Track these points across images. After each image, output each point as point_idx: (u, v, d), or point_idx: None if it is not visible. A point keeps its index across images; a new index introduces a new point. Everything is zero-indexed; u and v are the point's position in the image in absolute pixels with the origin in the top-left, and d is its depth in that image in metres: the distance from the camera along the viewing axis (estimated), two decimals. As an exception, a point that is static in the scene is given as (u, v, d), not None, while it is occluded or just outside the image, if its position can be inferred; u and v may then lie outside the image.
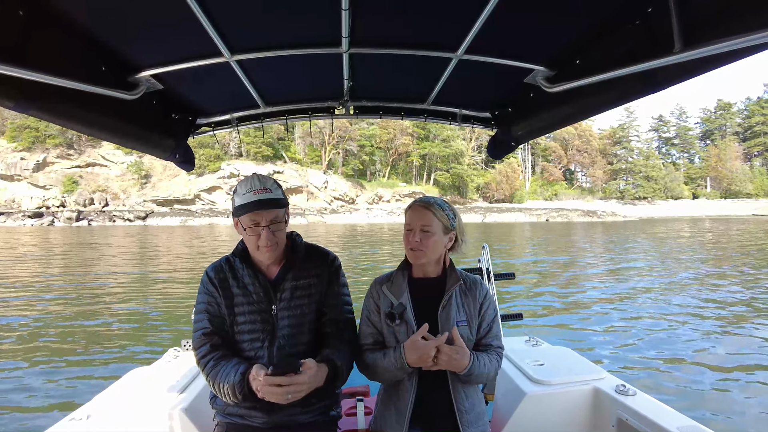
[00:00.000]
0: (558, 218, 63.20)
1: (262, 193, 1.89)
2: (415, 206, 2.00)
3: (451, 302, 1.96)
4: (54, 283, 14.02)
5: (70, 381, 6.13)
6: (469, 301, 2.00)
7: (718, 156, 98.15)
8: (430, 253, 1.96)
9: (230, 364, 1.85)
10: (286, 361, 1.86)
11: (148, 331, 8.67)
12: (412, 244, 1.95)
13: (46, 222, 53.47)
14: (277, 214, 1.92)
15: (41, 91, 1.72)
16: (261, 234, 1.89)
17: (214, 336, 1.94)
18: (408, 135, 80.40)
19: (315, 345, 2.02)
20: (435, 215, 1.95)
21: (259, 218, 1.88)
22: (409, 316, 1.94)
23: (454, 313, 1.94)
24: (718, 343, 7.78)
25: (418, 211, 1.97)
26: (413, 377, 1.92)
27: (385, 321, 1.98)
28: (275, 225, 1.92)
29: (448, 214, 1.99)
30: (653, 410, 2.24)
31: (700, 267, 17.25)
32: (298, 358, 1.85)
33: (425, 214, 1.95)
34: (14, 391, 5.79)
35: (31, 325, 9.05)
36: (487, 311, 2.02)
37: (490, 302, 2.06)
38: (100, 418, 2.28)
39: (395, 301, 1.98)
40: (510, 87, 2.69)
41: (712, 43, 1.37)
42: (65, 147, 66.70)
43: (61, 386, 5.93)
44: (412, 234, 1.95)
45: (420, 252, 1.94)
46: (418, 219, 1.95)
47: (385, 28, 2.07)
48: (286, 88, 2.87)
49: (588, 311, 10.22)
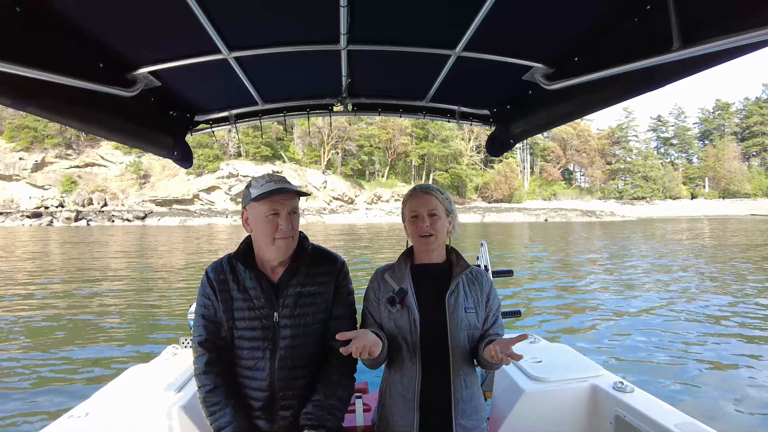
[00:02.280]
0: (557, 218, 63.27)
1: (283, 183, 1.90)
2: (417, 193, 2.00)
3: (459, 288, 1.96)
4: (52, 281, 14.02)
5: (68, 378, 6.13)
6: (476, 290, 1.99)
7: (717, 156, 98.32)
8: (441, 237, 1.98)
9: (226, 412, 1.84)
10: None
11: (146, 328, 8.65)
12: (423, 230, 1.94)
13: (45, 222, 53.44)
14: (296, 203, 1.93)
15: (39, 89, 1.72)
16: (280, 223, 1.86)
17: (208, 345, 1.91)
18: (407, 135, 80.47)
19: (319, 360, 1.98)
20: (437, 199, 1.97)
21: (279, 206, 1.86)
22: (411, 300, 1.93)
23: (462, 299, 1.94)
24: (717, 341, 7.79)
25: (422, 198, 1.98)
26: (416, 365, 1.90)
27: (385, 306, 1.96)
28: (293, 215, 1.91)
29: (446, 197, 2.02)
30: (651, 407, 2.25)
31: (698, 265, 17.30)
32: (299, 372, 1.87)
33: (429, 199, 1.96)
34: (13, 388, 5.78)
35: (29, 322, 9.06)
36: (493, 302, 2.03)
37: (495, 293, 2.07)
38: (99, 416, 2.28)
39: (396, 286, 1.97)
40: (509, 84, 2.69)
41: (710, 41, 1.37)
42: (64, 147, 66.70)
43: (60, 384, 5.93)
44: (421, 220, 1.95)
45: (432, 237, 1.95)
46: (424, 205, 1.96)
47: (384, 25, 2.07)
48: (284, 86, 2.87)
49: (586, 308, 10.24)
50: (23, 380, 6.07)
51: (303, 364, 1.93)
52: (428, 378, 1.89)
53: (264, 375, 1.88)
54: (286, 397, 1.90)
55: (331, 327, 1.99)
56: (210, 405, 1.85)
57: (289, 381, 1.90)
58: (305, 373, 1.93)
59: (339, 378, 1.96)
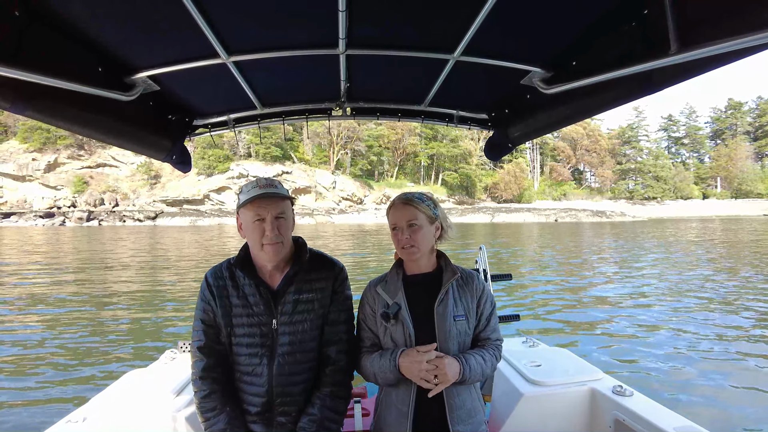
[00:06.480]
0: (567, 218, 62.95)
1: (267, 187, 1.88)
2: (396, 204, 1.98)
3: (448, 297, 1.93)
4: (52, 282, 14.13)
5: (66, 383, 6.13)
6: (467, 295, 1.97)
7: (729, 155, 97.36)
8: (422, 247, 1.95)
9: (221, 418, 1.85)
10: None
11: (145, 332, 8.65)
12: (402, 242, 1.93)
13: (57, 222, 54.12)
14: (282, 208, 1.90)
15: (37, 92, 1.73)
16: (266, 229, 1.85)
17: (207, 349, 1.92)
18: (416, 135, 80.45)
19: (315, 366, 1.98)
20: (417, 208, 1.94)
21: (263, 212, 1.85)
22: (404, 315, 1.91)
23: (451, 307, 1.91)
24: (716, 344, 7.71)
25: (400, 209, 1.95)
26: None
27: (380, 321, 1.96)
28: (280, 221, 1.89)
29: (428, 204, 1.98)
30: (650, 411, 2.24)
31: (699, 267, 17.16)
32: (297, 378, 1.88)
33: (408, 210, 1.94)
34: (10, 393, 5.80)
35: (28, 325, 9.10)
36: (485, 305, 2.00)
37: (488, 296, 2.04)
38: (97, 421, 2.29)
39: (390, 301, 1.96)
40: (507, 88, 2.68)
41: (707, 45, 1.36)
42: (76, 148, 67.40)
43: (58, 388, 5.93)
44: (400, 232, 1.94)
45: (413, 248, 1.93)
46: (402, 216, 1.94)
47: (382, 29, 2.07)
48: (283, 90, 2.87)
49: (585, 312, 10.16)
50: (21, 385, 6.06)
51: (301, 370, 1.93)
52: (423, 390, 1.87)
53: (262, 381, 1.89)
54: (284, 402, 1.90)
55: (327, 332, 2.00)
56: (205, 411, 1.86)
57: (287, 387, 1.90)
58: (303, 379, 1.94)
59: (335, 389, 1.96)
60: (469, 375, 1.85)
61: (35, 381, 6.19)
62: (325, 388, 1.95)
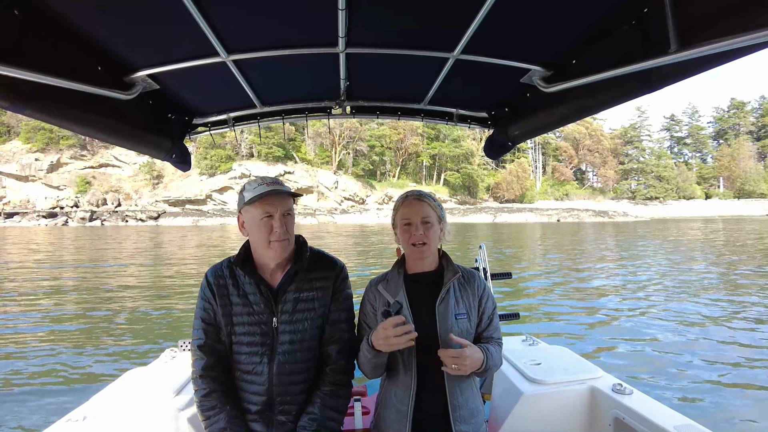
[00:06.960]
0: (569, 218, 62.93)
1: (274, 185, 1.89)
2: (410, 200, 1.97)
3: (450, 295, 1.92)
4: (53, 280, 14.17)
5: (66, 381, 6.14)
6: (468, 294, 1.96)
7: (731, 155, 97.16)
8: (433, 245, 1.95)
9: (221, 417, 1.84)
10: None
11: (146, 331, 8.66)
12: (416, 238, 1.91)
13: (60, 222, 54.31)
14: (289, 205, 1.91)
15: (37, 91, 1.74)
16: (274, 226, 1.86)
17: (207, 348, 1.92)
18: (418, 135, 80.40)
19: (315, 366, 1.98)
20: (430, 206, 1.95)
21: (272, 209, 1.85)
22: (406, 313, 1.90)
23: (453, 306, 1.90)
24: (716, 343, 7.72)
25: (415, 205, 1.95)
26: (411, 375, 1.89)
27: (381, 320, 1.92)
28: (288, 218, 1.90)
29: (438, 204, 2.00)
30: (650, 409, 2.24)
31: (700, 267, 17.14)
32: (297, 377, 1.88)
33: (422, 206, 1.94)
34: (11, 391, 5.81)
35: (29, 324, 9.11)
36: (487, 304, 2.00)
37: (489, 295, 2.03)
38: (97, 419, 2.29)
39: (391, 299, 1.94)
40: (507, 87, 2.68)
41: (707, 44, 1.36)
42: (79, 148, 67.66)
43: (58, 387, 5.94)
44: (414, 228, 1.92)
45: (425, 246, 1.92)
46: (417, 213, 1.93)
47: (382, 27, 2.06)
48: (282, 88, 2.86)
49: (585, 310, 10.16)
50: (21, 383, 6.08)
51: (301, 369, 1.93)
52: (423, 389, 1.88)
53: (262, 379, 1.88)
54: (284, 401, 1.90)
55: (328, 332, 1.99)
56: (205, 409, 1.86)
57: (287, 386, 1.90)
58: (303, 378, 1.93)
59: (335, 389, 1.96)
60: (492, 363, 1.85)
61: (36, 380, 6.20)
62: (326, 387, 1.94)
